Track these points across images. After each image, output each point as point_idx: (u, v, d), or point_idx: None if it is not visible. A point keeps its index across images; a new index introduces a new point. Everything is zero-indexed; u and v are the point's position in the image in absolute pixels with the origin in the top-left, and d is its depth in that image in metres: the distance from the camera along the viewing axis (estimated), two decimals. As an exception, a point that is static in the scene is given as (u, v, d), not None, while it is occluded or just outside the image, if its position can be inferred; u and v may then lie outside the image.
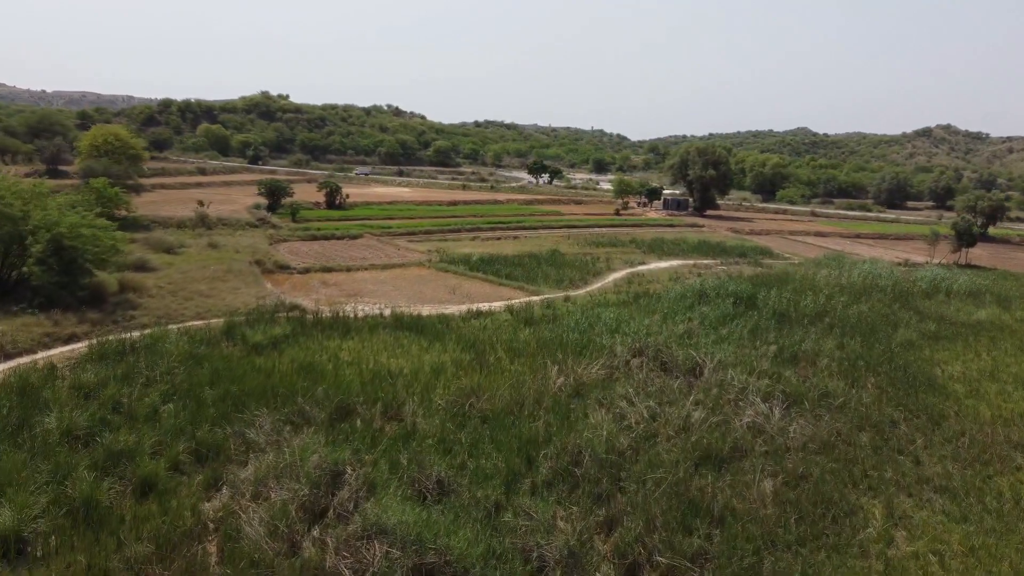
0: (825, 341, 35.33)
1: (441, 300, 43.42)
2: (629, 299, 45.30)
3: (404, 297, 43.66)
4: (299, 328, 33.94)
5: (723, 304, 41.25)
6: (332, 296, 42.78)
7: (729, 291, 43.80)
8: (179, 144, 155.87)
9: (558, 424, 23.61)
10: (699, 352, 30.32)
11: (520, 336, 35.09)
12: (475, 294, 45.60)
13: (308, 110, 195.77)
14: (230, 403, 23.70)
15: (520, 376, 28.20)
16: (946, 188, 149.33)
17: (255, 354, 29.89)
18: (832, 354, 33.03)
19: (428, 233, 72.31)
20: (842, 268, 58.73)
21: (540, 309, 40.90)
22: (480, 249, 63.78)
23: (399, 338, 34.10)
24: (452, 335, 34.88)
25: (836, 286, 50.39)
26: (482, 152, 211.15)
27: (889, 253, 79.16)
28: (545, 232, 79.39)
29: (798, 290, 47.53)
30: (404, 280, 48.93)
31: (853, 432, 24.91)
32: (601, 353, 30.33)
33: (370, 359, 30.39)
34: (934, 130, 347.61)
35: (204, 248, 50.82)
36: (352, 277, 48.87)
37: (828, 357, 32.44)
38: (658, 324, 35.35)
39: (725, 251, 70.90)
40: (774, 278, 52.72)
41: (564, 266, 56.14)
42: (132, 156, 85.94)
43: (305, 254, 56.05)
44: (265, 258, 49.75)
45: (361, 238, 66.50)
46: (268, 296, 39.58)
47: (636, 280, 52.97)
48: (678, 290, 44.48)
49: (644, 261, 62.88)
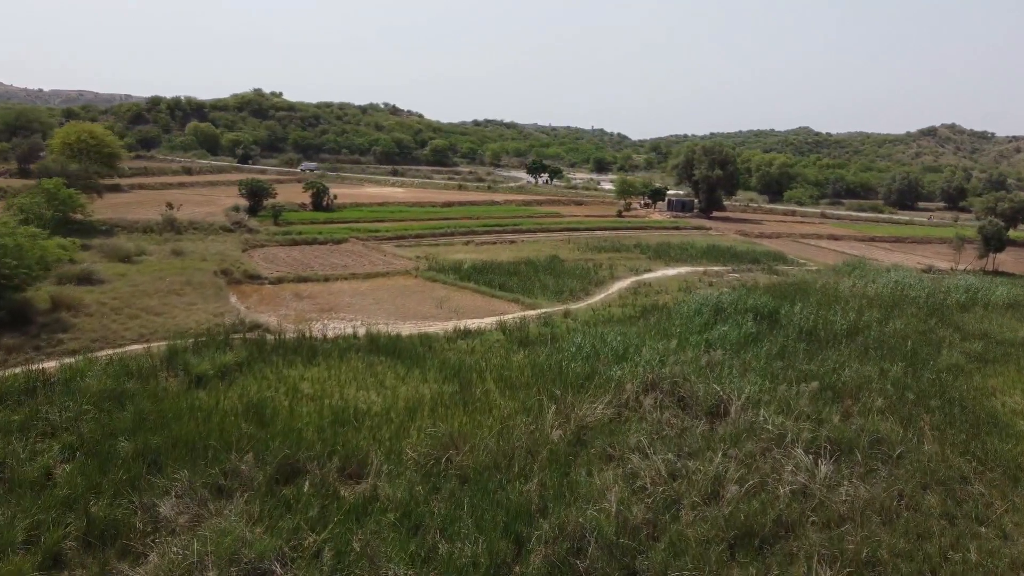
0: (863, 366, 30.70)
1: (425, 315, 38.77)
2: (636, 314, 40.72)
3: (384, 312, 39.00)
4: (256, 353, 29.30)
5: (742, 321, 36.64)
6: (303, 311, 38.12)
7: (748, 305, 39.18)
8: (167, 143, 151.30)
9: (555, 486, 19.00)
10: (722, 385, 25.66)
11: (513, 361, 30.53)
12: (464, 308, 40.95)
13: (302, 108, 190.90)
14: (147, 460, 19.07)
15: (511, 417, 23.60)
16: (958, 189, 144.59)
17: (197, 388, 25.28)
18: (875, 384, 28.38)
19: (418, 237, 67.64)
20: (865, 276, 54.10)
21: (536, 327, 36.28)
22: (473, 255, 59.12)
23: (372, 364, 29.51)
24: (434, 360, 30.32)
25: (863, 298, 45.77)
26: (480, 151, 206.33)
27: (910, 258, 74.49)
28: (543, 236, 74.73)
29: (823, 303, 42.95)
30: (387, 291, 44.27)
31: (918, 492, 20.27)
32: (607, 387, 25.67)
33: (335, 392, 25.80)
34: (939, 129, 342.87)
35: (167, 256, 46.13)
36: (329, 288, 44.20)
37: (872, 389, 27.80)
38: (672, 348, 30.66)
39: (736, 256, 66.24)
40: (793, 288, 48.10)
41: (564, 274, 51.47)
42: (108, 155, 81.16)
43: (282, 261, 51.37)
44: (234, 267, 45.09)
45: (346, 243, 61.83)
46: (228, 313, 34.91)
47: (643, 290, 48.34)
48: (691, 305, 39.79)
49: (650, 268, 58.23)
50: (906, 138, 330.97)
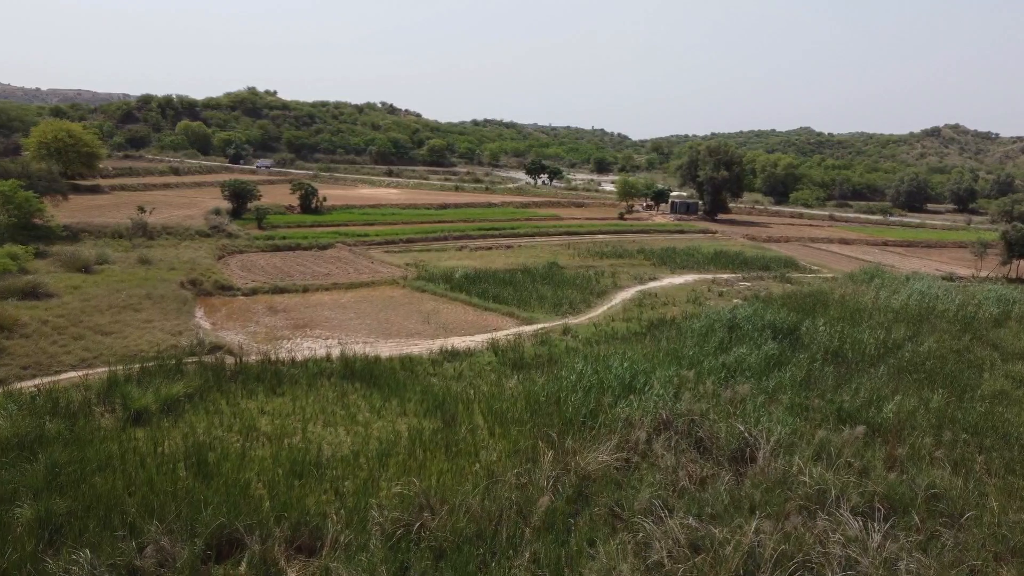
0: (901, 395, 27.08)
1: (411, 332, 35.16)
2: (642, 329, 37.19)
3: (365, 328, 35.41)
4: (211, 381, 25.74)
5: (760, 340, 33.06)
6: (275, 328, 34.53)
7: (766, 321, 35.60)
8: (157, 142, 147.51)
9: (551, 561, 15.45)
10: (747, 424, 22.04)
11: (505, 388, 27.06)
12: (454, 323, 37.36)
13: (296, 107, 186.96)
14: (48, 532, 15.49)
15: (500, 462, 20.05)
16: (968, 190, 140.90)
17: (135, 426, 21.73)
18: (919, 419, 24.78)
19: (409, 242, 64.04)
20: (886, 286, 50.47)
21: (532, 346, 32.74)
22: (467, 262, 55.52)
23: (345, 393, 25.99)
24: (416, 387, 26.82)
25: (888, 311, 42.16)
26: (478, 151, 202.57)
27: (926, 264, 70.89)
28: (542, 240, 71.14)
29: (845, 317, 39.37)
30: (371, 304, 40.67)
31: (991, 566, 16.69)
32: (613, 425, 22.07)
33: (297, 430, 22.27)
34: (943, 130, 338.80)
35: (132, 264, 42.51)
36: (307, 300, 40.59)
37: (916, 425, 24.19)
38: (685, 376, 27.03)
39: (745, 263, 62.65)
40: (811, 300, 44.51)
41: (563, 284, 47.87)
42: (87, 154, 77.69)
43: (259, 269, 47.76)
44: (204, 276, 41.49)
45: (331, 248, 58.23)
46: (188, 332, 31.29)
47: (648, 301, 44.76)
48: (703, 321, 36.17)
49: (655, 276, 54.66)
50: (910, 138, 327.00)
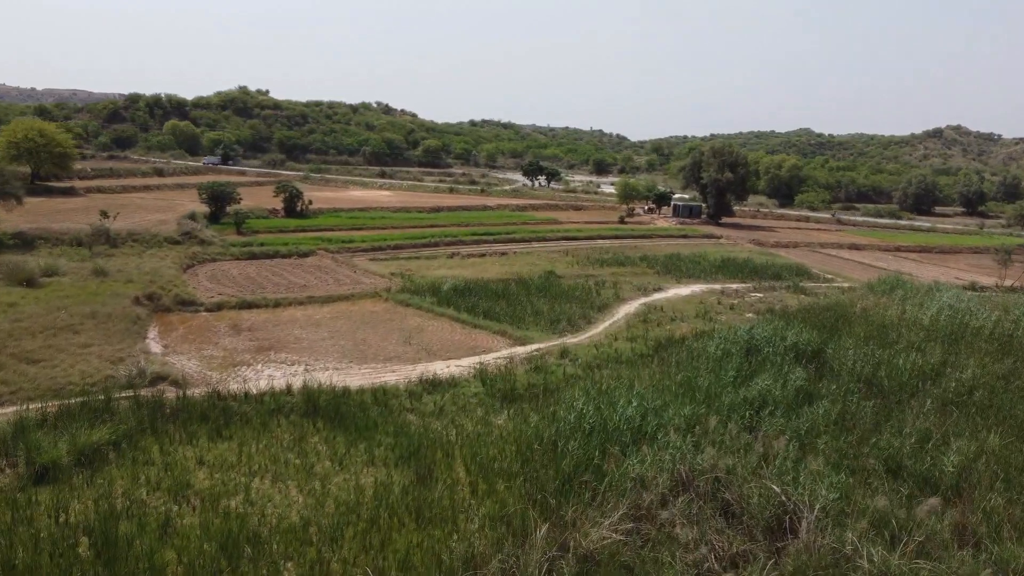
0: (954, 437, 23.22)
1: (389, 355, 31.26)
2: (648, 351, 33.35)
3: (338, 351, 31.50)
4: (146, 422, 21.86)
5: (783, 364, 29.19)
6: (235, 351, 30.61)
7: (788, 342, 31.68)
8: (144, 142, 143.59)
9: None
10: (782, 482, 18.14)
11: (493, 427, 23.23)
12: (439, 344, 33.46)
13: (289, 107, 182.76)
14: None
15: (482, 532, 16.21)
16: (977, 193, 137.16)
17: (40, 485, 17.86)
18: (982, 469, 20.89)
19: (397, 248, 60.15)
20: (910, 298, 46.59)
21: (526, 373, 28.88)
22: (457, 271, 51.64)
23: (304, 436, 22.11)
24: (389, 427, 23.01)
25: (917, 328, 38.28)
26: (475, 152, 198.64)
27: (945, 272, 67.09)
28: (539, 246, 67.27)
29: (873, 335, 35.50)
30: (348, 320, 36.78)
31: None
32: (620, 485, 18.17)
33: (239, 488, 18.38)
34: (945, 131, 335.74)
35: (86, 276, 38.57)
36: (277, 317, 36.69)
37: (982, 478, 20.31)
38: (703, 414, 23.14)
39: (755, 271, 58.80)
40: (832, 315, 40.62)
41: (560, 296, 44.01)
42: (59, 155, 73.76)
43: (230, 280, 43.86)
44: (164, 290, 37.60)
45: (312, 256, 54.31)
46: (131, 358, 27.37)
47: (653, 316, 40.94)
48: (717, 342, 32.24)
49: (660, 286, 50.78)
50: (912, 140, 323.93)
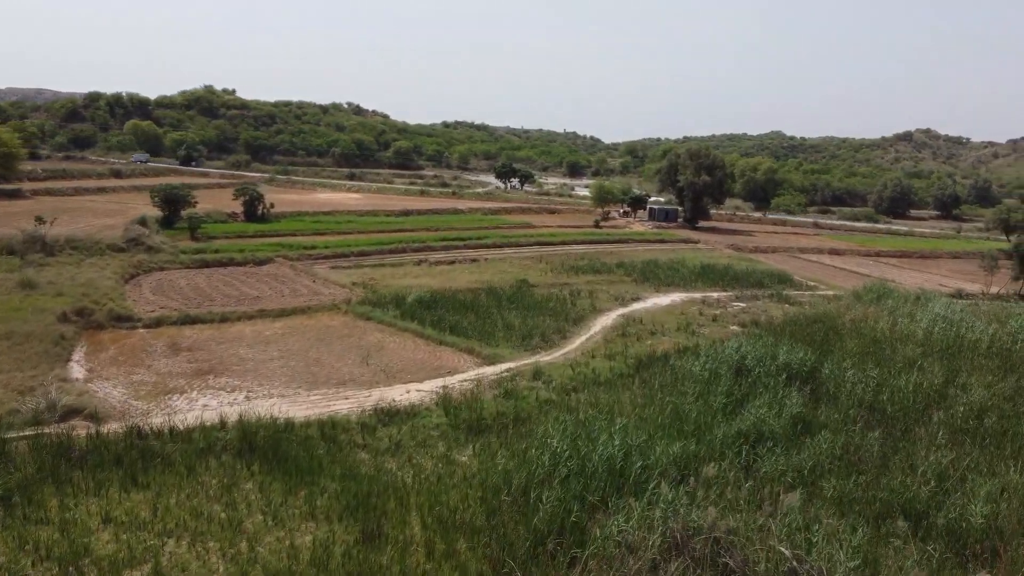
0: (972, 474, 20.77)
1: (343, 378, 28.22)
2: (629, 370, 30.72)
3: (287, 373, 28.40)
4: (47, 469, 18.69)
5: (777, 387, 26.68)
6: (170, 375, 27.39)
7: (779, 361, 29.13)
8: (103, 142, 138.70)
9: None
10: (791, 542, 15.45)
11: (456, 466, 20.42)
12: (399, 364, 30.47)
13: (256, 107, 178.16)
14: None
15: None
16: (952, 196, 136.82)
17: None
18: (1010, 512, 18.40)
19: (362, 255, 56.98)
20: (899, 309, 44.47)
21: (494, 400, 26.02)
22: (424, 280, 48.66)
23: (236, 481, 19.09)
24: (335, 468, 20.03)
25: (913, 342, 36.03)
26: (447, 154, 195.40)
27: (928, 278, 65.41)
28: (511, 251, 64.49)
29: (867, 351, 33.15)
30: (301, 337, 33.65)
31: None
32: (603, 550, 15.37)
33: (149, 552, 15.31)
34: (915, 134, 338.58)
35: (10, 289, 35.02)
36: (223, 333, 33.45)
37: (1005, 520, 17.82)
38: (695, 452, 20.44)
39: (736, 279, 56.47)
40: (820, 327, 38.33)
41: (534, 308, 41.22)
42: (3, 155, 69.56)
43: (176, 292, 40.49)
44: (99, 304, 34.18)
45: (270, 263, 50.99)
46: (43, 387, 24.06)
47: (632, 329, 38.36)
48: (703, 361, 29.62)
49: (638, 295, 48.20)
50: (882, 143, 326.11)
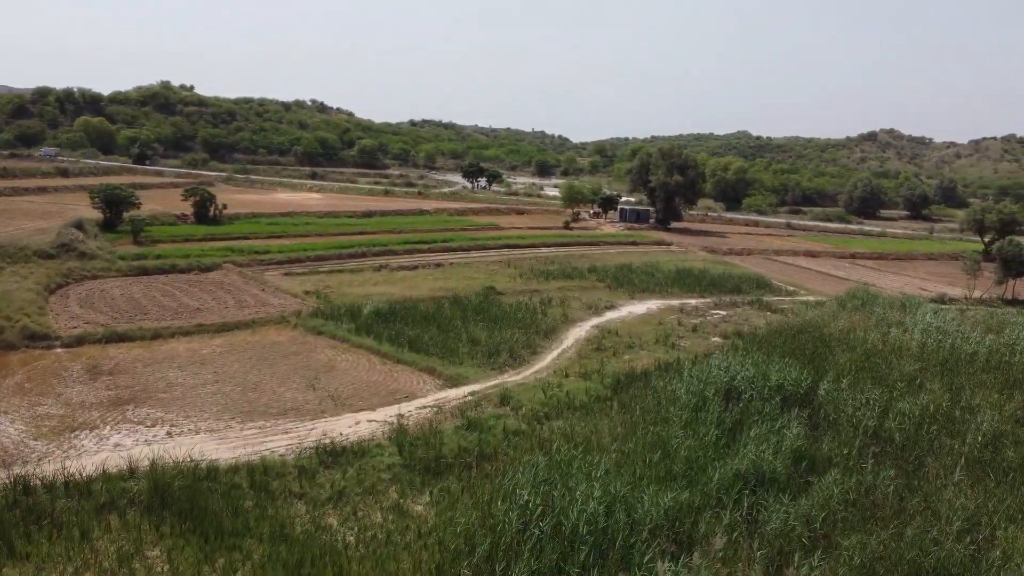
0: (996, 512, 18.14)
1: (284, 407, 24.85)
2: (606, 391, 27.90)
3: (220, 401, 24.96)
4: None
5: (769, 411, 24.05)
6: (82, 406, 23.80)
7: (771, 382, 26.46)
8: (52, 140, 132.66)
9: None
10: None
11: (409, 518, 17.37)
12: (350, 387, 27.17)
13: (215, 103, 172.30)
14: None
15: None
16: (922, 196, 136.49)
17: None
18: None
19: (318, 260, 53.39)
20: (886, 315, 42.18)
21: (456, 432, 22.88)
22: (384, 287, 45.34)
23: (140, 548, 15.89)
24: (264, 528, 16.79)
25: (908, 356, 33.62)
26: (413, 152, 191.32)
27: (908, 282, 63.60)
28: (478, 255, 61.34)
29: (863, 366, 30.65)
30: (241, 356, 30.17)
31: None
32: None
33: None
34: (879, 134, 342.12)
35: (-91, 304, 31.03)
36: (153, 353, 29.83)
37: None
38: (687, 499, 17.53)
39: (713, 283, 53.92)
40: (807, 338, 35.82)
41: (501, 319, 38.13)
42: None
43: (106, 304, 36.69)
44: (11, 321, 30.34)
45: (217, 270, 47.23)
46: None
47: (608, 342, 35.51)
48: (688, 384, 26.75)
49: (612, 303, 45.37)
50: (848, 143, 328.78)
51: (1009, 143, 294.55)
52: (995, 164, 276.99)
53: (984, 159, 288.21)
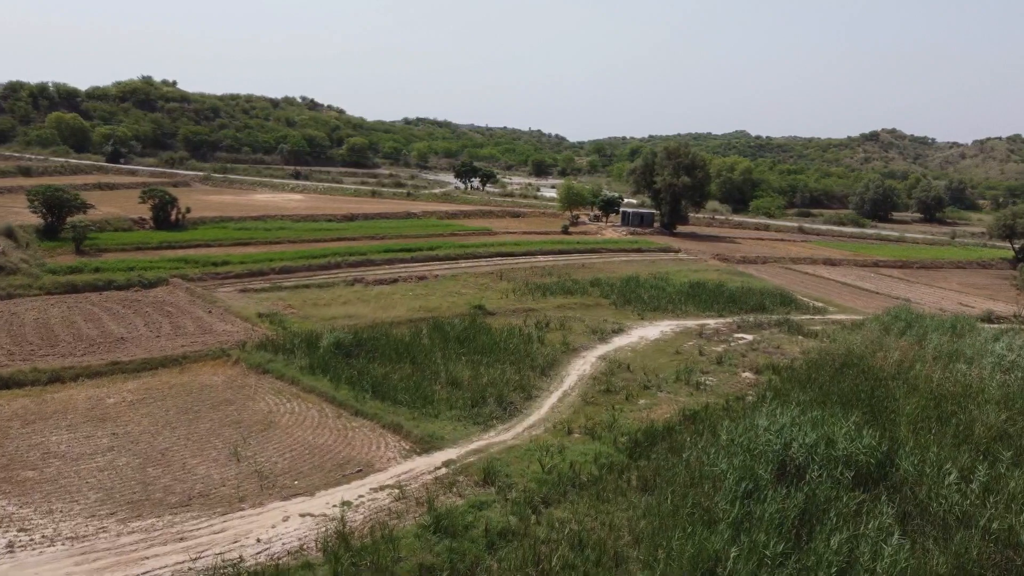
0: None
1: (189, 494, 18.43)
2: (621, 457, 21.70)
3: (105, 485, 18.55)
4: None
5: (846, 501, 17.84)
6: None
7: (839, 452, 20.19)
8: (23, 136, 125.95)
9: None
10: None
11: None
12: (288, 458, 20.74)
13: (198, 100, 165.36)
14: None
15: None
16: (936, 199, 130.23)
17: None
18: None
19: (284, 273, 46.94)
20: (941, 343, 35.91)
21: (419, 535, 16.52)
22: (354, 307, 38.99)
23: None
24: None
25: (988, 401, 27.35)
26: (405, 151, 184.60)
27: (944, 295, 57.38)
28: (467, 265, 54.93)
29: (936, 415, 24.40)
30: (158, 408, 23.76)
31: None
32: None
33: None
34: (881, 134, 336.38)
35: None
36: (42, 405, 23.40)
37: None
38: None
39: (732, 300, 47.63)
40: (854, 372, 29.63)
41: (490, 350, 31.72)
42: None
43: (10, 333, 30.23)
44: None
45: (162, 286, 40.82)
46: None
47: (619, 380, 29.21)
48: (732, 456, 20.44)
49: (620, 325, 39.08)
50: (849, 143, 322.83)
51: (1015, 143, 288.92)
52: (1001, 165, 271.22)
53: (989, 159, 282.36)
